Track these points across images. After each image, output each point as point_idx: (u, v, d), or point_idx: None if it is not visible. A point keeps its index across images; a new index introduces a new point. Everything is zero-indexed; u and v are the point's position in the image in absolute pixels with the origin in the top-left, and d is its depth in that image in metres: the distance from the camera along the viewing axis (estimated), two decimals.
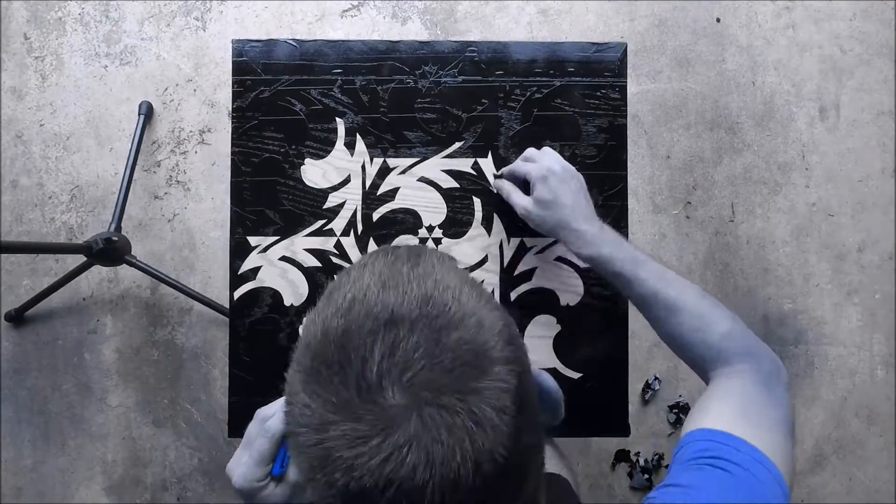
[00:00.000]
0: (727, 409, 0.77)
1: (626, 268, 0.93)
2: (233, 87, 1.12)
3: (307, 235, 1.11)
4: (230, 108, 1.77)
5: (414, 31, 1.83)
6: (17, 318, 1.73)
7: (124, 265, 1.59)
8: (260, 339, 1.12)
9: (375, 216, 1.11)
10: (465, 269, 0.66)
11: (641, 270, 0.93)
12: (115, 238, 1.51)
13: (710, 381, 0.86)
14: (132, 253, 1.60)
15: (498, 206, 1.11)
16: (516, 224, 1.10)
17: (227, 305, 1.27)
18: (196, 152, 1.78)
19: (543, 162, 1.00)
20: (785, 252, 1.82)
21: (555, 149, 1.12)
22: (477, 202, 1.12)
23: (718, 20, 1.85)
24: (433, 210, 1.11)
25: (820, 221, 1.83)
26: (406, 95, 1.12)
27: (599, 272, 1.00)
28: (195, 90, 1.80)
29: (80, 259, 1.59)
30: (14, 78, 1.79)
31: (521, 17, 1.84)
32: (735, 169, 1.83)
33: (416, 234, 1.11)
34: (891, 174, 1.84)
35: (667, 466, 1.76)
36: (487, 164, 1.12)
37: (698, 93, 1.84)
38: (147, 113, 1.75)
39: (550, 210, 0.98)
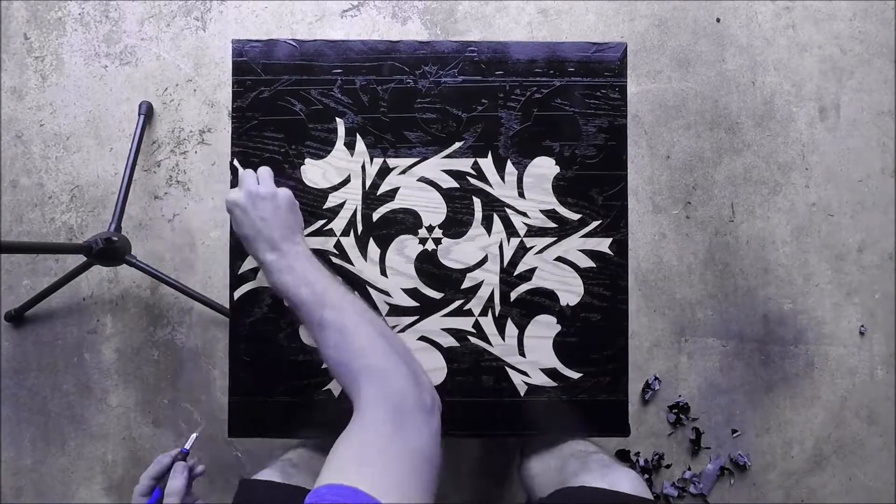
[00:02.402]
0: (347, 460, 0.76)
1: (291, 293, 0.95)
2: (233, 88, 1.12)
3: (307, 235, 1.11)
4: (230, 108, 1.77)
5: (414, 30, 1.83)
6: (17, 318, 1.73)
7: (124, 265, 1.59)
8: (260, 339, 1.12)
9: (375, 216, 1.12)
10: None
11: (304, 290, 0.94)
12: (115, 238, 1.50)
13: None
14: (132, 253, 1.60)
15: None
16: None
17: (227, 305, 1.28)
18: (196, 152, 1.78)
19: (229, 195, 1.03)
20: (785, 252, 1.82)
21: (554, 149, 1.13)
22: (477, 202, 1.12)
23: (718, 20, 1.85)
24: (433, 210, 1.12)
25: (820, 221, 1.83)
26: (406, 95, 1.12)
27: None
28: (195, 90, 1.80)
29: (80, 259, 1.59)
30: (14, 78, 1.79)
31: (521, 17, 1.84)
32: (735, 169, 1.82)
33: (415, 234, 1.12)
34: (891, 174, 1.84)
35: (667, 466, 1.76)
36: (487, 165, 1.12)
37: (698, 93, 1.84)
38: (147, 113, 1.75)
39: (246, 242, 1.02)
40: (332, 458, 0.77)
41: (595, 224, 1.14)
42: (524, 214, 1.13)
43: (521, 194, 1.13)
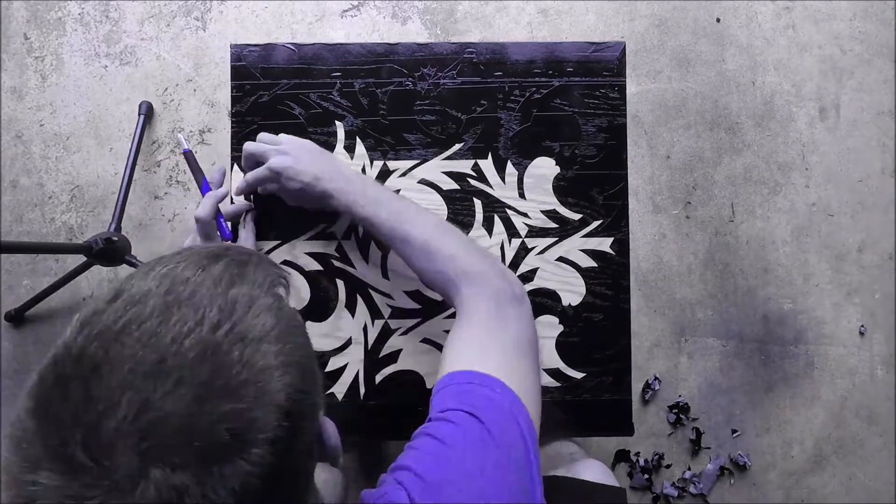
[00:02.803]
0: (466, 350, 0.81)
1: (367, 211, 0.95)
2: (232, 92, 1.12)
3: (308, 239, 1.11)
4: (230, 109, 1.77)
5: (414, 31, 1.83)
6: (17, 318, 1.72)
7: (124, 265, 1.59)
8: None
9: None
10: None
11: (382, 210, 0.94)
12: (115, 238, 1.50)
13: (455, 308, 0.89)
14: (132, 253, 1.60)
15: None
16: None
17: None
18: (196, 152, 1.78)
19: (275, 160, 1.00)
20: (785, 252, 1.82)
21: (554, 149, 1.13)
22: (478, 203, 1.12)
23: (718, 20, 1.85)
24: (434, 211, 1.11)
25: (820, 221, 1.83)
26: (405, 98, 1.12)
27: (359, 224, 1.06)
28: (195, 90, 1.80)
29: (80, 259, 1.59)
30: (14, 78, 1.79)
31: (521, 17, 1.84)
32: (735, 169, 1.83)
33: None
34: (891, 174, 1.84)
35: (667, 466, 1.76)
36: (488, 166, 1.12)
37: (698, 93, 1.84)
38: (147, 113, 1.75)
39: (306, 188, 0.98)
40: (450, 351, 0.82)
41: (596, 224, 1.13)
42: (525, 215, 1.12)
43: (522, 195, 1.12)
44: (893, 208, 1.84)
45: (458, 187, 1.12)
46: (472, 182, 1.12)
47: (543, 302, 1.13)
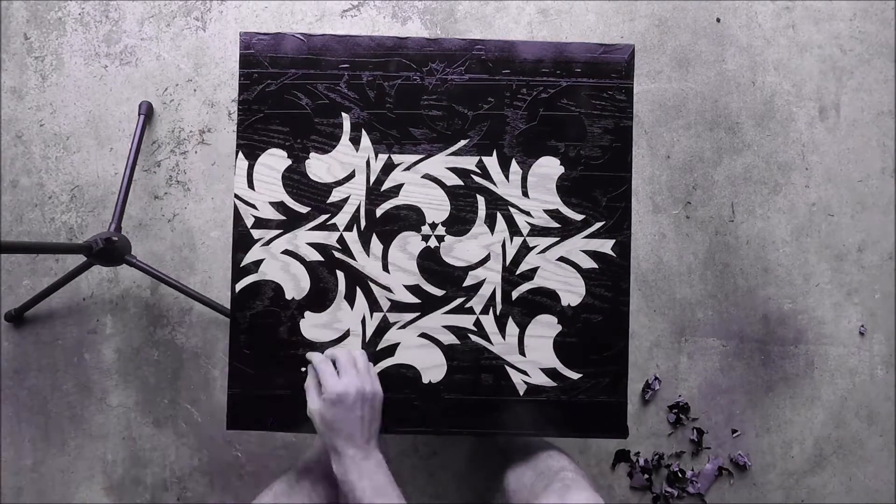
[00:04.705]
0: None
1: (360, 496, 0.96)
2: (239, 80, 1.12)
3: (310, 230, 1.11)
4: (230, 109, 1.78)
5: (414, 31, 1.83)
6: (17, 318, 1.72)
7: (124, 265, 1.59)
8: (261, 332, 1.12)
9: (379, 212, 1.12)
10: None
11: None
12: (115, 238, 1.50)
13: None
14: (132, 253, 1.60)
15: None
16: None
17: (227, 304, 1.28)
18: (196, 152, 1.78)
19: (338, 387, 1.01)
20: (785, 252, 1.82)
21: (559, 149, 1.13)
22: (481, 200, 1.12)
23: (718, 20, 1.85)
24: (437, 207, 1.12)
25: (820, 221, 1.83)
26: (412, 92, 1.13)
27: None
28: (195, 90, 1.80)
29: (80, 259, 1.59)
30: (14, 78, 1.79)
31: (521, 17, 1.84)
32: (735, 169, 1.83)
33: (419, 230, 1.12)
34: (891, 174, 1.85)
35: (667, 467, 1.76)
36: (492, 163, 1.12)
37: (698, 93, 1.84)
38: (147, 113, 1.75)
39: (327, 429, 1.00)
40: None
41: (598, 225, 1.14)
42: (528, 214, 1.13)
43: (525, 193, 1.13)
44: (893, 208, 1.84)
45: (462, 183, 1.12)
46: (476, 179, 1.12)
47: (543, 301, 1.13)
